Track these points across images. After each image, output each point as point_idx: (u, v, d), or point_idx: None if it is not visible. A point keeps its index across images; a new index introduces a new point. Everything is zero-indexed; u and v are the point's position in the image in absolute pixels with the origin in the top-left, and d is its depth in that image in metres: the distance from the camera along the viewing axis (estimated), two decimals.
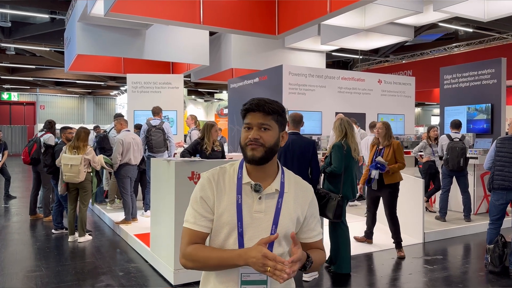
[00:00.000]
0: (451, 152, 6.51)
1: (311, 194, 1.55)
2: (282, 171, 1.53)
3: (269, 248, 1.39)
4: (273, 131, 1.46)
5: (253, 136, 1.43)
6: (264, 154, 1.44)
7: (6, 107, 29.07)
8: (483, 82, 8.12)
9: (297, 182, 1.55)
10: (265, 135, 1.44)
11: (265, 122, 1.45)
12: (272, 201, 1.46)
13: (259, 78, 9.71)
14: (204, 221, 1.45)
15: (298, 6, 6.32)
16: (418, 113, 32.34)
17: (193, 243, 1.45)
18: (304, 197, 1.52)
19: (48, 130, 7.23)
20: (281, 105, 1.50)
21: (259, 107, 1.44)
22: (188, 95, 25.71)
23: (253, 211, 1.44)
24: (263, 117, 1.44)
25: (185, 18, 6.16)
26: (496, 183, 4.53)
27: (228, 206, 1.44)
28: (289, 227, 1.46)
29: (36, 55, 17.60)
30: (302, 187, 1.54)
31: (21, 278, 4.42)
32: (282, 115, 1.50)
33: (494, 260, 4.49)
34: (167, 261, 4.24)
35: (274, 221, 1.43)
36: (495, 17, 7.87)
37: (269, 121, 1.45)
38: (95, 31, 8.83)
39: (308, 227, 1.53)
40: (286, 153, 4.20)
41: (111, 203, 7.66)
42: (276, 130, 1.47)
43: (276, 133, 1.47)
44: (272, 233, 1.41)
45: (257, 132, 1.44)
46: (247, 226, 1.43)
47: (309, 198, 1.53)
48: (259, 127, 1.44)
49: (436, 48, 16.37)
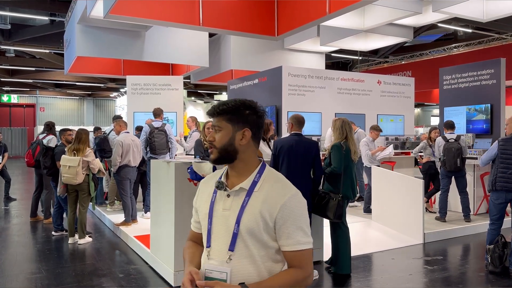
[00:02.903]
0: (447, 153, 6.52)
1: (285, 198, 1.42)
2: (260, 170, 1.50)
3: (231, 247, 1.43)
4: (224, 131, 1.48)
5: (208, 139, 1.52)
6: (218, 155, 1.49)
7: (6, 109, 29.06)
8: (483, 83, 8.12)
9: (276, 184, 1.47)
10: (216, 136, 1.50)
11: (215, 124, 1.50)
12: (239, 199, 1.46)
13: (258, 80, 9.72)
14: (193, 221, 1.65)
15: (297, 7, 6.32)
16: (418, 113, 32.34)
17: (189, 239, 1.68)
18: (275, 199, 1.43)
19: (49, 132, 7.24)
20: (239, 103, 1.49)
21: (211, 111, 1.51)
22: (187, 97, 25.70)
23: (221, 208, 1.48)
24: (216, 119, 1.50)
25: (185, 20, 6.16)
26: (499, 184, 4.50)
27: (205, 204, 1.54)
28: (253, 227, 1.41)
29: (35, 57, 17.61)
30: (279, 190, 1.45)
31: (21, 280, 4.42)
32: (238, 113, 1.48)
33: (495, 260, 4.48)
34: (167, 263, 4.24)
35: (237, 219, 1.43)
36: (494, 17, 7.88)
37: (220, 122, 1.49)
38: (94, 33, 8.84)
39: (282, 232, 1.43)
40: (289, 154, 4.20)
41: (111, 205, 7.65)
42: (229, 129, 1.48)
43: (228, 133, 1.48)
44: (234, 232, 1.43)
45: (212, 134, 1.51)
46: (216, 223, 1.48)
47: (281, 201, 1.42)
48: (214, 129, 1.51)
49: (435, 49, 16.39)
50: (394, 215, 6.21)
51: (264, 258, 1.44)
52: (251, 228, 1.42)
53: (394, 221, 6.21)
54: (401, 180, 6.20)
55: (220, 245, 1.45)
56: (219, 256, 1.45)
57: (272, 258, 1.46)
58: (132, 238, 5.61)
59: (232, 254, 1.43)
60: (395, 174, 6.44)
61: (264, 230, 1.43)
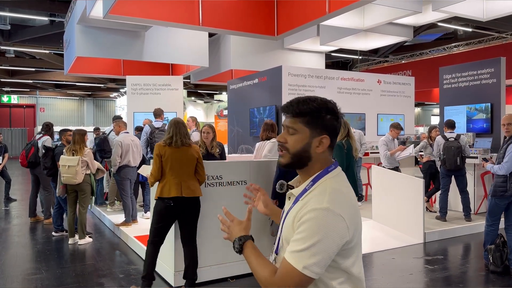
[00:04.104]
0: (447, 152, 6.51)
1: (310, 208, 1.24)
2: (315, 179, 1.33)
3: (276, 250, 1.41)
4: (300, 135, 1.33)
5: (278, 138, 1.37)
6: (291, 161, 1.35)
7: (6, 109, 29.07)
8: (483, 82, 8.12)
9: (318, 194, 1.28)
10: (289, 139, 1.35)
11: (290, 124, 1.35)
12: (289, 204, 1.40)
13: (258, 79, 9.71)
14: None
15: (297, 7, 6.32)
16: (418, 113, 32.34)
17: None
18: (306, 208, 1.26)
19: (46, 133, 7.22)
20: (321, 106, 1.33)
21: (287, 108, 1.36)
22: (187, 97, 25.71)
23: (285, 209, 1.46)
24: (291, 120, 1.35)
25: (184, 20, 6.16)
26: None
27: None
28: (287, 236, 1.32)
29: (35, 57, 17.61)
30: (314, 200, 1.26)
31: (21, 280, 4.41)
32: (318, 117, 1.32)
33: (496, 260, 4.48)
34: (167, 263, 4.24)
35: (281, 224, 1.40)
36: (494, 16, 7.88)
37: (296, 124, 1.33)
38: (94, 33, 8.84)
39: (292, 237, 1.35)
40: None
41: (111, 205, 7.65)
42: (306, 134, 1.32)
43: (304, 138, 1.32)
44: (279, 236, 1.40)
45: (284, 135, 1.37)
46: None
47: (306, 210, 1.25)
48: (287, 130, 1.36)
49: (435, 48, 16.38)
50: (395, 215, 6.20)
51: None
52: (286, 236, 1.33)
53: (394, 220, 6.21)
54: (401, 180, 6.19)
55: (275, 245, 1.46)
56: (272, 254, 1.45)
57: None
58: (132, 238, 5.61)
59: (277, 257, 1.40)
60: (395, 174, 6.43)
61: None
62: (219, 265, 4.24)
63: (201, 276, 4.10)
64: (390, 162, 6.93)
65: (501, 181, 4.45)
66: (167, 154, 3.73)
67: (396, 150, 6.97)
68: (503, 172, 4.42)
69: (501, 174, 4.44)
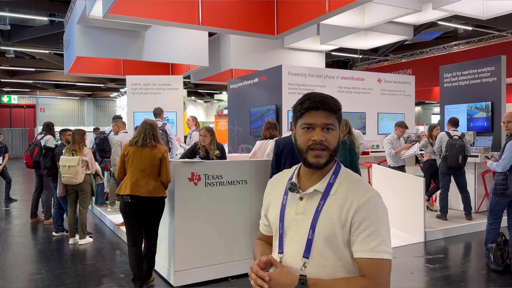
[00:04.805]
0: (450, 148, 6.49)
1: (363, 199, 1.28)
2: (336, 171, 1.36)
3: (306, 254, 1.30)
4: (336, 131, 1.33)
5: (319, 138, 1.29)
6: (329, 159, 1.32)
7: (6, 110, 29.07)
8: (483, 80, 8.10)
9: (354, 184, 1.33)
10: (329, 136, 1.31)
11: (328, 121, 1.31)
12: (313, 202, 1.32)
13: (258, 79, 9.70)
14: (262, 224, 1.56)
15: (297, 6, 6.31)
16: (418, 111, 32.33)
17: (258, 238, 1.60)
18: (353, 200, 1.28)
19: (47, 132, 7.23)
20: (337, 100, 1.38)
21: (324, 105, 1.31)
22: (187, 96, 25.69)
23: (293, 212, 1.36)
24: (327, 116, 1.31)
25: (184, 19, 6.15)
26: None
27: (275, 207, 1.43)
28: (329, 234, 1.27)
29: (35, 57, 17.61)
30: (357, 190, 1.30)
31: (22, 281, 4.41)
32: (340, 112, 1.36)
33: (497, 258, 4.47)
34: (168, 263, 4.23)
35: (311, 224, 1.30)
36: (494, 15, 7.86)
37: (333, 120, 1.32)
38: (94, 33, 8.83)
39: (356, 236, 1.27)
40: (292, 153, 4.18)
41: (111, 205, 7.64)
42: (337, 129, 1.34)
43: (337, 134, 1.34)
44: (309, 238, 1.30)
45: (322, 133, 1.30)
46: (288, 227, 1.36)
47: (359, 202, 1.27)
48: (323, 128, 1.31)
49: (435, 47, 16.35)
50: (395, 214, 6.19)
51: (339, 268, 1.30)
52: (327, 235, 1.28)
53: (395, 219, 6.19)
54: (402, 179, 6.18)
55: (294, 251, 1.33)
56: (292, 262, 1.32)
57: (349, 270, 1.31)
58: None
59: (307, 261, 1.30)
60: (395, 173, 6.42)
61: (340, 237, 1.28)
62: (219, 265, 4.24)
63: (201, 276, 4.10)
64: (395, 161, 6.94)
65: (501, 179, 4.46)
66: (129, 153, 3.87)
67: (401, 148, 6.98)
68: (500, 169, 4.44)
69: (499, 171, 4.46)
